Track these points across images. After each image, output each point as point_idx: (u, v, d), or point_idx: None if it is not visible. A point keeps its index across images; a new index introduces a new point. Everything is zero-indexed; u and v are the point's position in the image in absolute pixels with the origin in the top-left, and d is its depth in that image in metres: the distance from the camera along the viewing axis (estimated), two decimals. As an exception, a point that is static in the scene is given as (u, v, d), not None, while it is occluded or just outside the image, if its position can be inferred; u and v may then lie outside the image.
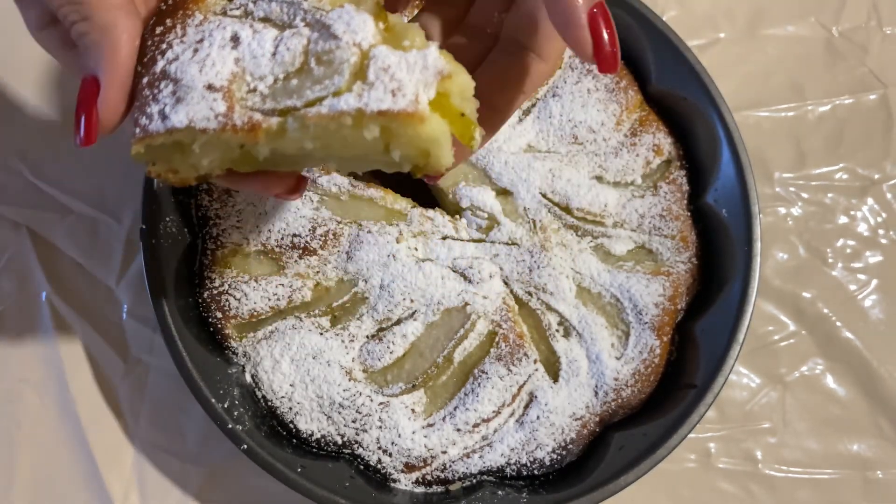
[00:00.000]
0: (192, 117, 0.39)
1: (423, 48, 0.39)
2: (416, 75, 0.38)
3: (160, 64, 0.40)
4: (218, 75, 0.39)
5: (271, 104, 0.39)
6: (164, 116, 0.39)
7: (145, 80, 0.41)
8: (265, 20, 0.41)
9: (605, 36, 0.42)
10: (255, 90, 0.40)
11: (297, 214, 0.67)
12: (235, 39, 0.40)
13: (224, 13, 0.42)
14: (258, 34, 0.40)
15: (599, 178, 0.70)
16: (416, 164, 0.42)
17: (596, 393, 0.66)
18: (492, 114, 0.47)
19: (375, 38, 0.39)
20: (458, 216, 0.69)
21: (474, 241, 0.68)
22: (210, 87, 0.39)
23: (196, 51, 0.40)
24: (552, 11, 0.42)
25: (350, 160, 0.43)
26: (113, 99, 0.41)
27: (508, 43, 0.48)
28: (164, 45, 0.41)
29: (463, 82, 0.40)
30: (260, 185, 0.48)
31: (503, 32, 0.48)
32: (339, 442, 0.65)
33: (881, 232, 0.79)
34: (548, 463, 0.65)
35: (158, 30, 0.42)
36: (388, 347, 0.65)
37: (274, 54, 0.40)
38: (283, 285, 0.66)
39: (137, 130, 0.40)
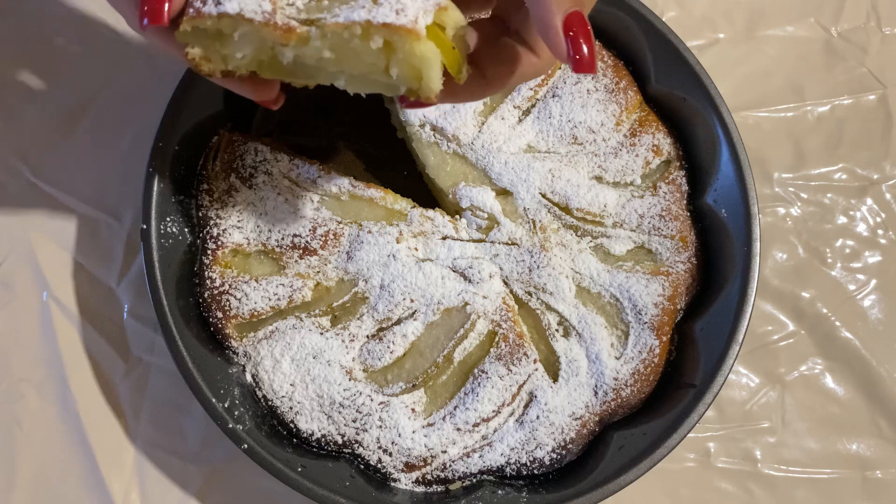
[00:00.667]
0: (242, 7, 0.45)
1: None
2: (418, 3, 0.45)
3: None
4: None
5: (304, 16, 0.46)
6: (218, 3, 0.45)
7: None
8: None
9: (582, 43, 0.46)
10: (293, 4, 0.46)
11: (298, 214, 0.67)
12: None
13: None
14: None
15: (599, 179, 0.70)
16: (410, 86, 0.48)
17: (595, 392, 0.66)
18: (479, 81, 0.52)
19: None
20: (457, 216, 0.69)
21: (474, 241, 0.68)
22: None
23: None
24: (533, 17, 0.47)
25: (357, 78, 0.49)
26: None
27: (513, 32, 0.53)
28: None
29: (457, 17, 0.47)
30: (250, 88, 0.52)
31: (511, 24, 0.53)
32: (340, 441, 0.65)
33: (880, 232, 0.79)
34: (547, 462, 0.65)
35: None
36: (388, 347, 0.65)
37: None
38: (283, 285, 0.66)
39: (191, 11, 0.46)
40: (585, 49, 0.46)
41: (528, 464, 0.65)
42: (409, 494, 0.64)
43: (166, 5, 0.47)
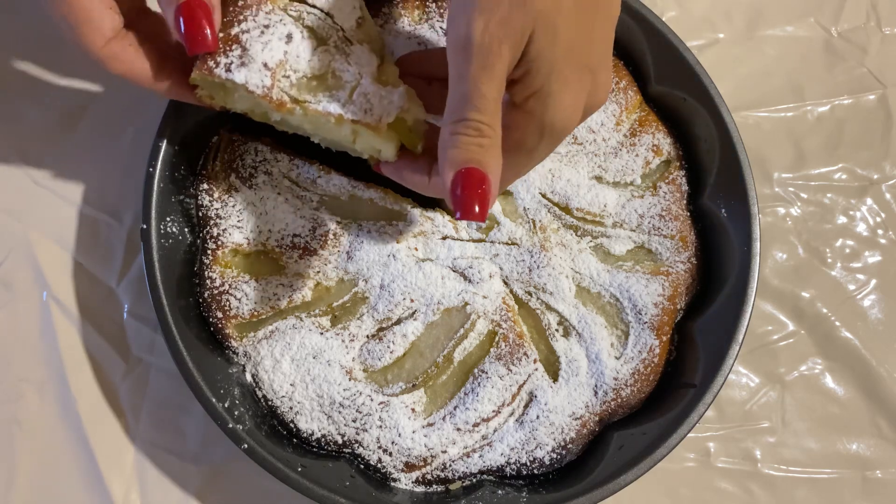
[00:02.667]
0: (248, 80, 0.55)
1: (397, 87, 0.57)
2: (383, 104, 0.56)
3: (235, 30, 0.56)
4: (272, 58, 0.56)
5: (294, 92, 0.57)
6: (228, 69, 0.55)
7: (221, 34, 0.56)
8: (311, 29, 0.58)
9: (468, 199, 0.49)
10: (288, 77, 0.57)
11: (298, 214, 0.67)
12: (289, 37, 0.57)
13: (285, 10, 0.58)
14: (304, 41, 0.57)
15: (599, 179, 0.70)
16: (372, 155, 0.61)
17: (595, 392, 0.66)
18: (424, 179, 0.58)
19: (372, 73, 0.58)
20: (458, 216, 0.69)
21: (474, 241, 0.68)
22: (265, 65, 0.56)
23: (262, 32, 0.56)
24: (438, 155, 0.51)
25: (330, 140, 0.62)
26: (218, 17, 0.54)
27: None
28: (241, 17, 0.56)
29: (416, 115, 0.58)
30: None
31: None
32: (340, 441, 0.65)
33: (880, 232, 0.79)
34: (547, 462, 0.65)
35: (240, 3, 0.57)
36: (388, 347, 0.65)
37: (309, 60, 0.57)
38: (283, 285, 0.66)
39: (205, 67, 0.56)
40: (475, 206, 0.49)
41: (528, 464, 0.65)
42: (409, 494, 0.64)
43: (207, 30, 0.52)
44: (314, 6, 0.58)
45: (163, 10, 0.54)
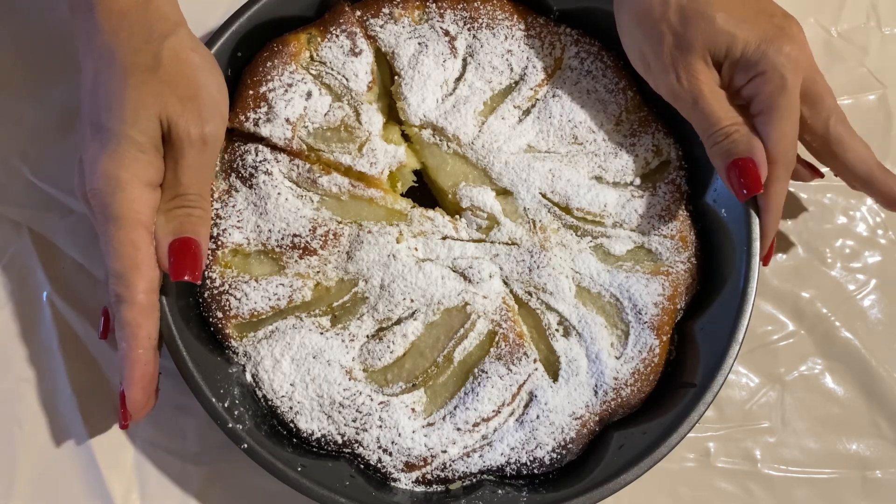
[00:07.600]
0: (272, 133, 0.67)
1: (399, 145, 0.69)
2: (387, 159, 0.68)
3: (263, 88, 0.68)
4: (293, 113, 0.67)
5: (310, 141, 0.68)
6: (256, 124, 0.67)
7: (251, 91, 0.68)
8: (328, 87, 0.69)
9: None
10: (306, 127, 0.68)
11: (298, 214, 0.67)
12: (309, 95, 0.68)
13: (307, 69, 0.69)
14: (322, 97, 0.68)
15: (599, 179, 0.70)
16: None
17: (595, 392, 0.66)
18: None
19: (378, 131, 0.69)
20: (458, 216, 0.69)
21: (474, 241, 0.68)
22: (287, 120, 0.67)
23: (286, 91, 0.68)
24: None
25: None
26: None
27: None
28: (268, 77, 0.68)
29: (411, 164, 0.70)
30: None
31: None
32: (340, 441, 0.65)
33: (880, 232, 0.79)
34: (548, 462, 0.65)
35: (268, 64, 0.68)
36: (388, 347, 0.65)
37: (325, 114, 0.68)
38: (283, 285, 0.66)
39: (236, 121, 0.67)
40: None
41: (529, 463, 0.65)
42: (409, 494, 0.64)
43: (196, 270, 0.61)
44: (332, 68, 0.68)
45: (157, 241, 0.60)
